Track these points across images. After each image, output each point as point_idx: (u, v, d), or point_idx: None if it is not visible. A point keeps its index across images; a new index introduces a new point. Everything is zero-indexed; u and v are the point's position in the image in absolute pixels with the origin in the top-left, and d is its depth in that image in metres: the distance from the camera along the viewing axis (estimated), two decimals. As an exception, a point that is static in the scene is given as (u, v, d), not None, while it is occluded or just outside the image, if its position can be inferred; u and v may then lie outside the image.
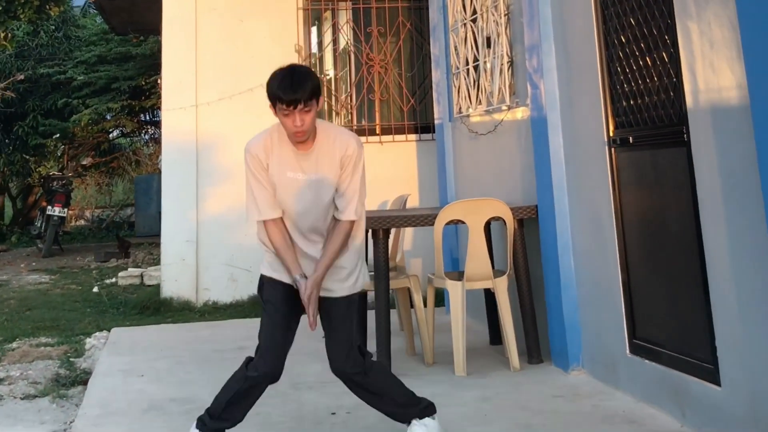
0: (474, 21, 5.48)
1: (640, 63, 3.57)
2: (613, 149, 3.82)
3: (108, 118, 15.27)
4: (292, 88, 2.94)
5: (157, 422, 3.68)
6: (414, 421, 3.17)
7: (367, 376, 3.17)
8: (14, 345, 5.68)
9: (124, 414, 3.81)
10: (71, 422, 3.90)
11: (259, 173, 3.11)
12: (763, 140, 2.66)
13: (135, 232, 11.80)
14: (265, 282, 3.22)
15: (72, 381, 4.73)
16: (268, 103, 2.99)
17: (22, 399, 4.42)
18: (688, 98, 3.19)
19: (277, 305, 3.15)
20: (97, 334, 5.88)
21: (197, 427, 3.17)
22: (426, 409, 3.21)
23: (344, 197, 3.07)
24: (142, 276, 8.53)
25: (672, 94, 3.33)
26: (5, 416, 4.11)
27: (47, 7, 11.32)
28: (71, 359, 5.26)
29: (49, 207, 12.10)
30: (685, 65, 3.20)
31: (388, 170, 6.96)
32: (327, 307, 3.16)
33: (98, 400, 4.06)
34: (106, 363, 4.82)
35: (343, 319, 3.18)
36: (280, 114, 3.01)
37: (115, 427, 3.63)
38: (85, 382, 4.58)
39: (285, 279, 3.15)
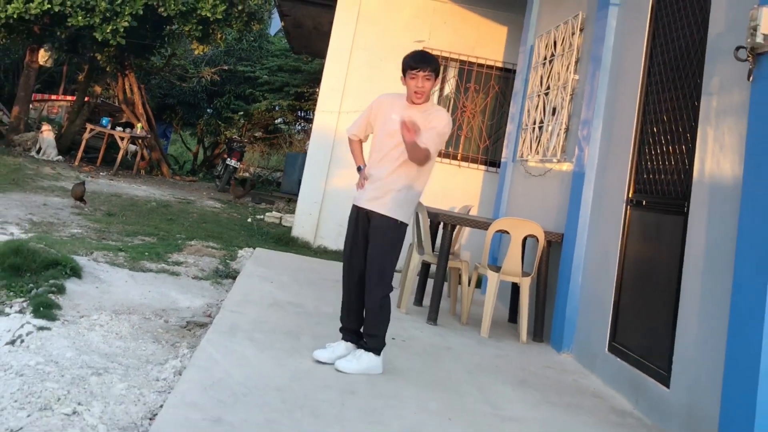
0: (546, 94, 5.40)
1: (664, 149, 3.46)
2: (629, 207, 3.71)
3: (276, 109, 15.73)
4: (420, 58, 3.00)
5: (277, 314, 3.76)
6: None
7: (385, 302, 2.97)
8: (192, 243, 5.90)
9: (256, 304, 3.91)
10: (222, 300, 4.05)
11: (370, 111, 3.12)
12: (744, 226, 2.58)
13: (281, 189, 12.12)
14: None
15: (225, 275, 4.86)
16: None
17: (192, 278, 4.60)
18: (695, 182, 3.08)
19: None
20: (246, 248, 6.03)
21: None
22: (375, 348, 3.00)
23: (424, 136, 2.91)
24: (280, 219, 8.64)
25: (683, 176, 3.23)
26: (180, 287, 4.32)
27: (252, 23, 11.84)
28: (227, 261, 5.42)
29: (228, 159, 12.54)
30: (698, 158, 3.09)
31: (460, 186, 7.00)
32: (370, 230, 2.97)
33: (241, 290, 4.17)
34: (249, 269, 4.91)
35: (378, 246, 2.94)
36: (408, 78, 2.98)
37: (250, 309, 3.73)
38: (233, 278, 4.71)
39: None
